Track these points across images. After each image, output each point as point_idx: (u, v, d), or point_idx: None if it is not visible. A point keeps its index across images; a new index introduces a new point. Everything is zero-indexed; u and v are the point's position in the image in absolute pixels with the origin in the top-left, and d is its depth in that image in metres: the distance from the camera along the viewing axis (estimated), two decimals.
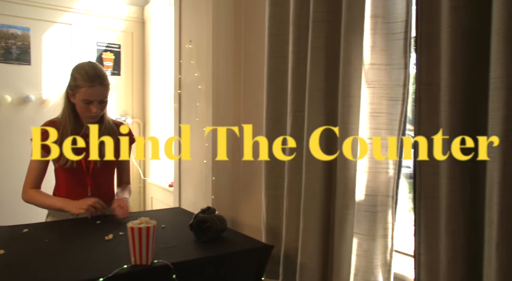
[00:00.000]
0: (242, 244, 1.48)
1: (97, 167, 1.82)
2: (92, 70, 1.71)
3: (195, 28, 2.42)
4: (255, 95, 2.07)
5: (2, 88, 3.19)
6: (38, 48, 3.31)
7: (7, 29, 3.18)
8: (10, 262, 1.24)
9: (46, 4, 3.30)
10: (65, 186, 1.82)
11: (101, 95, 1.73)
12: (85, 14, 3.49)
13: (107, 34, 3.63)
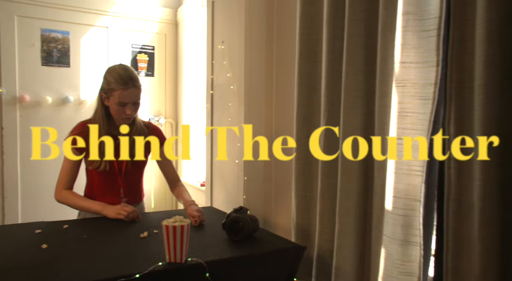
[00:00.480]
0: (274, 244, 1.48)
1: (128, 168, 1.85)
2: (125, 73, 1.74)
3: (228, 28, 2.44)
4: (287, 95, 2.06)
5: (43, 90, 3.33)
6: (76, 51, 3.44)
7: (49, 33, 3.32)
8: (53, 256, 1.29)
9: (84, 8, 3.42)
10: (98, 187, 1.85)
11: (135, 97, 1.76)
12: (121, 17, 3.59)
13: (142, 36, 3.72)
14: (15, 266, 1.19)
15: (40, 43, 3.30)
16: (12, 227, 1.74)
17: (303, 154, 1.62)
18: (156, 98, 3.81)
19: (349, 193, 1.38)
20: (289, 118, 2.03)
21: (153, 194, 3.81)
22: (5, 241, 1.45)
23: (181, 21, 3.74)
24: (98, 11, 3.48)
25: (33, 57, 3.29)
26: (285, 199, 2.08)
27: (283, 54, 2.11)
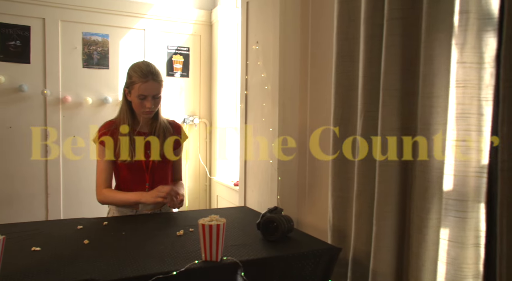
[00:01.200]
0: (309, 245, 1.47)
1: (155, 164, 1.89)
2: (145, 67, 1.80)
3: (262, 29, 2.44)
4: (322, 95, 2.05)
5: (84, 91, 3.46)
6: (115, 53, 3.54)
7: (90, 36, 3.45)
8: (94, 251, 1.34)
9: (123, 11, 3.53)
10: (125, 183, 1.89)
11: (154, 90, 1.80)
12: (157, 20, 3.68)
13: (177, 38, 3.79)
14: (60, 260, 1.24)
15: (82, 46, 3.43)
16: (56, 223, 1.81)
17: (340, 154, 1.60)
18: (191, 99, 3.87)
19: (387, 194, 1.35)
20: (324, 119, 2.01)
21: (188, 193, 3.87)
22: (50, 236, 1.52)
23: (215, 22, 3.79)
24: (136, 14, 3.58)
25: (75, 60, 3.42)
26: (319, 199, 2.07)
27: (318, 54, 2.09)
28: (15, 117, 3.27)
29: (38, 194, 3.39)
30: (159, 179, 1.92)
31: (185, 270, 1.18)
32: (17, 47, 3.23)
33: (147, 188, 1.88)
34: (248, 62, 2.60)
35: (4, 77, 3.19)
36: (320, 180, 2.06)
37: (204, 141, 3.93)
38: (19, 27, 3.23)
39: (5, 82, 3.20)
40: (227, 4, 3.71)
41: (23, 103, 3.29)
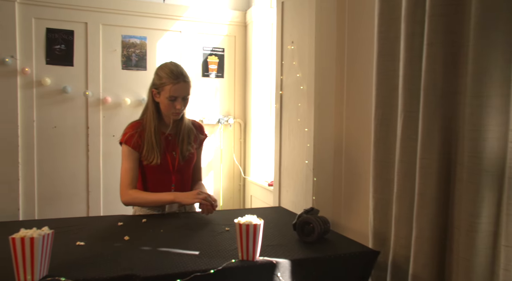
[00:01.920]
0: (346, 247, 1.45)
1: (181, 165, 1.90)
2: (176, 69, 1.82)
3: (297, 29, 2.43)
4: (359, 95, 2.02)
5: (123, 92, 3.56)
6: (153, 54, 3.63)
7: (129, 39, 3.55)
8: (134, 247, 1.38)
9: (160, 14, 3.61)
10: (151, 184, 1.89)
11: (184, 91, 1.82)
12: (193, 21, 3.74)
13: (212, 39, 3.84)
14: (102, 255, 1.29)
15: (121, 48, 3.54)
16: (98, 219, 1.88)
17: (381, 155, 1.57)
18: (226, 99, 3.91)
19: (428, 196, 1.31)
20: (362, 119, 1.98)
21: (222, 192, 3.91)
22: (93, 231, 1.58)
23: (250, 23, 3.81)
24: (172, 17, 3.66)
25: (115, 62, 3.53)
26: (357, 201, 2.04)
27: (355, 53, 2.06)
28: (59, 117, 3.42)
29: (80, 191, 3.53)
30: (184, 180, 1.95)
31: (222, 269, 1.20)
32: (62, 50, 3.38)
33: (173, 189, 1.90)
34: (283, 62, 2.59)
35: (50, 80, 3.34)
36: (357, 181, 2.03)
37: (239, 141, 3.96)
38: (64, 32, 3.38)
39: (51, 84, 3.35)
40: (262, 5, 3.72)
41: (67, 104, 3.43)
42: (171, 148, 1.90)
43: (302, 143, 2.36)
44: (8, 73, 3.23)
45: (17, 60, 3.24)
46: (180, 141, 1.90)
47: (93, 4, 3.42)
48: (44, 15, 3.32)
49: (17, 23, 3.24)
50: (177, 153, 1.90)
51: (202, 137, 2.03)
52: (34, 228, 1.09)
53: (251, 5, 3.82)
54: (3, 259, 1.19)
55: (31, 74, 3.30)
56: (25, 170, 3.34)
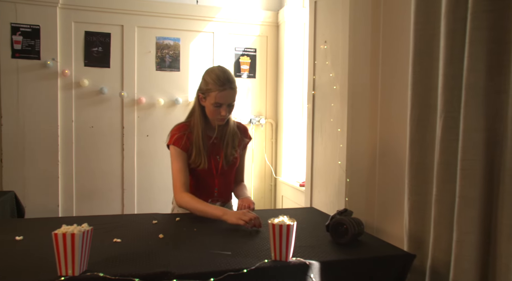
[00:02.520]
0: (380, 250, 1.42)
1: (224, 169, 1.90)
2: (222, 75, 1.77)
3: (330, 28, 2.41)
4: (394, 95, 1.97)
5: (156, 93, 3.64)
6: (186, 55, 3.69)
7: (163, 40, 3.62)
8: (168, 245, 1.40)
9: (194, 16, 3.67)
10: (194, 186, 1.90)
11: (230, 99, 1.79)
12: (225, 22, 3.77)
13: (244, 39, 3.86)
14: (138, 252, 1.32)
15: (155, 50, 3.62)
16: (133, 217, 1.92)
17: (417, 156, 1.53)
18: (257, 99, 3.92)
19: (471, 199, 1.26)
20: (397, 119, 1.93)
21: (253, 192, 3.92)
22: (129, 229, 1.61)
23: (282, 23, 3.80)
24: (205, 18, 3.70)
25: (149, 63, 3.61)
26: (391, 203, 1.99)
27: (390, 52, 2.02)
28: (96, 117, 3.53)
29: (115, 189, 3.63)
30: (227, 183, 1.95)
31: (255, 268, 1.20)
32: (99, 53, 3.49)
33: (216, 192, 1.92)
34: (316, 62, 2.57)
35: (87, 81, 3.45)
36: (391, 183, 1.99)
37: (270, 141, 3.96)
38: (101, 35, 3.49)
39: (88, 85, 3.47)
40: (294, 5, 3.71)
41: (103, 104, 3.54)
42: (216, 151, 1.90)
43: (334, 143, 2.33)
44: (50, 75, 3.37)
45: (57, 63, 3.37)
46: (224, 145, 1.89)
47: (129, 7, 3.51)
48: (83, 19, 3.44)
49: (58, 27, 3.37)
50: (221, 157, 1.89)
51: (247, 141, 2.01)
52: (75, 225, 1.13)
53: (283, 5, 3.81)
54: (46, 253, 1.24)
55: (70, 76, 3.42)
56: (64, 168, 3.47)
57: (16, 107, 3.31)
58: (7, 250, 1.33)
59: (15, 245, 1.38)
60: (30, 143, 3.35)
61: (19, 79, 3.30)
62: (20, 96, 3.31)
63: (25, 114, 3.33)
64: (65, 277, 1.08)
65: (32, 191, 3.36)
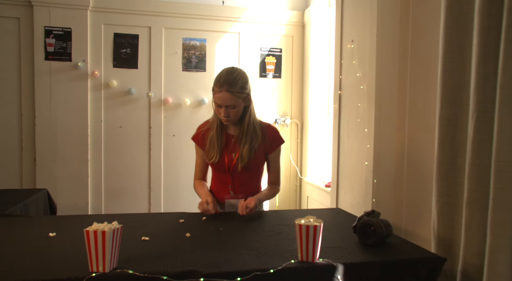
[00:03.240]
0: (409, 253, 1.39)
1: (237, 167, 1.90)
2: (225, 76, 1.79)
3: (357, 27, 2.38)
4: (423, 94, 1.93)
5: (183, 93, 3.69)
6: (212, 56, 3.72)
7: (189, 41, 3.67)
8: (195, 244, 1.42)
9: (220, 16, 3.69)
10: (213, 181, 2.03)
11: (226, 101, 1.78)
12: (251, 23, 3.78)
13: (270, 39, 3.86)
14: (166, 251, 1.34)
15: (182, 50, 3.66)
16: (160, 215, 1.95)
17: (446, 157, 1.49)
18: (283, 99, 3.91)
19: (506, 203, 1.22)
20: (426, 119, 1.89)
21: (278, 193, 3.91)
22: (156, 227, 1.64)
23: (308, 23, 3.78)
24: (231, 18, 3.72)
25: (176, 64, 3.66)
26: (419, 204, 1.95)
27: (419, 51, 1.97)
28: (124, 117, 3.60)
29: (142, 188, 3.70)
30: (242, 183, 1.96)
31: (282, 269, 1.19)
32: (128, 54, 3.56)
33: (230, 189, 1.95)
34: (343, 62, 2.55)
35: (116, 82, 3.53)
36: (420, 184, 1.94)
37: (295, 141, 3.94)
38: (130, 36, 3.56)
39: (117, 86, 3.55)
40: (320, 4, 3.68)
41: (131, 105, 3.61)
42: (232, 149, 1.93)
43: (361, 144, 2.30)
44: (80, 77, 3.46)
45: (88, 64, 3.46)
46: (241, 144, 1.91)
47: (157, 9, 3.57)
48: (112, 21, 3.52)
49: (89, 30, 3.46)
50: (237, 155, 1.91)
51: (274, 143, 1.99)
52: (105, 222, 1.16)
53: (309, 4, 3.79)
54: (78, 250, 1.28)
55: (100, 77, 3.51)
56: (94, 166, 3.56)
57: (49, 108, 3.42)
58: (42, 245, 1.38)
59: (49, 241, 1.43)
60: (61, 143, 3.45)
61: (51, 81, 3.41)
62: (53, 97, 3.42)
63: (57, 115, 3.43)
64: (96, 273, 1.11)
65: (63, 189, 3.47)
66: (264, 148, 1.96)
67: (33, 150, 3.43)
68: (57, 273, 1.12)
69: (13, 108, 3.41)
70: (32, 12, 3.36)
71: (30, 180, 3.45)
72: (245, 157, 1.89)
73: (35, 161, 3.43)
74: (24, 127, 3.43)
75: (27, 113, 3.42)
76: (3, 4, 3.33)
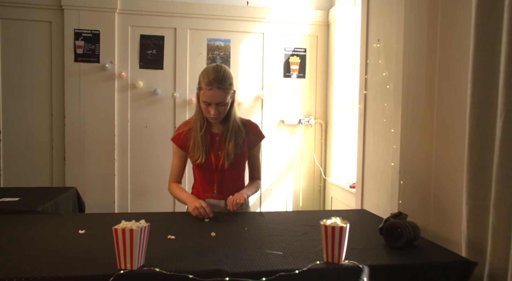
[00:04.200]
0: (438, 256, 1.36)
1: (224, 165, 1.90)
2: (213, 74, 1.78)
3: (384, 26, 2.34)
4: (452, 94, 1.88)
5: None
6: (236, 56, 3.74)
7: (213, 42, 3.70)
8: (220, 243, 1.42)
9: (244, 17, 3.71)
10: (198, 182, 2.00)
11: (218, 98, 1.79)
12: (275, 23, 3.77)
13: (294, 39, 3.84)
14: (191, 250, 1.35)
15: (206, 51, 3.70)
16: (184, 214, 1.97)
17: (476, 158, 1.45)
18: (307, 100, 3.89)
19: None
20: (454, 119, 1.84)
21: (302, 193, 3.90)
22: (182, 226, 1.66)
23: (333, 22, 3.74)
24: (255, 19, 3.73)
25: (200, 64, 3.69)
26: (447, 207, 1.90)
27: (448, 49, 1.93)
28: (150, 117, 3.66)
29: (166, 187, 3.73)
30: (230, 180, 1.96)
31: (307, 270, 1.19)
32: (153, 55, 3.62)
33: (215, 188, 1.94)
34: (368, 61, 2.51)
35: (142, 82, 3.59)
36: (448, 186, 1.90)
37: (319, 141, 3.92)
38: (155, 38, 3.62)
39: (143, 87, 3.61)
40: (345, 3, 3.64)
41: (157, 105, 3.67)
42: (217, 147, 1.93)
43: (387, 144, 2.26)
44: (108, 78, 3.54)
45: (115, 66, 3.54)
46: (226, 142, 1.91)
47: (182, 10, 3.61)
48: (139, 23, 3.58)
49: (116, 32, 3.54)
50: (223, 153, 1.92)
51: (256, 138, 2.02)
52: (133, 221, 1.18)
53: (334, 3, 3.76)
54: (107, 247, 1.31)
55: (126, 78, 3.58)
56: (120, 166, 3.64)
57: (78, 108, 3.51)
58: (72, 242, 1.41)
59: (79, 238, 1.47)
60: (89, 142, 3.54)
61: (80, 82, 3.51)
62: (81, 98, 3.51)
63: (85, 115, 3.52)
64: (124, 270, 1.13)
65: (91, 188, 3.56)
66: (247, 143, 1.97)
67: (63, 149, 3.53)
68: (87, 269, 1.15)
69: (44, 109, 3.52)
70: (63, 15, 3.46)
71: (60, 178, 3.56)
72: (231, 153, 1.90)
73: (64, 159, 3.53)
74: (55, 127, 3.54)
75: (57, 113, 3.53)
76: (36, 9, 3.45)
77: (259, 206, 3.83)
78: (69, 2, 3.44)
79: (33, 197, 2.39)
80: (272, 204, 3.85)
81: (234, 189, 1.96)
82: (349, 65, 3.67)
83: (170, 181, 2.05)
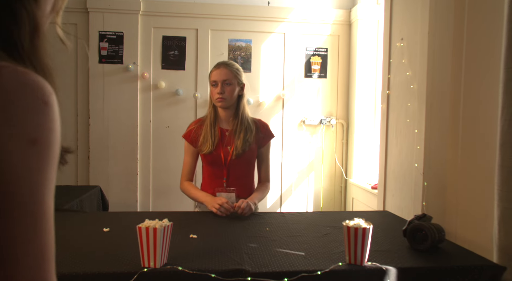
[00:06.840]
0: (465, 259, 1.33)
1: (233, 160, 1.93)
2: (221, 61, 2.00)
3: (407, 25, 2.30)
4: (479, 93, 1.83)
5: None
6: (257, 56, 3.74)
7: (235, 42, 3.71)
8: (241, 243, 1.43)
9: (265, 17, 3.70)
10: (206, 177, 2.03)
11: (224, 75, 1.91)
12: (297, 23, 3.76)
13: (315, 39, 3.82)
14: (213, 248, 1.36)
15: (227, 52, 3.71)
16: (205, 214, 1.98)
17: (508, 159, 1.41)
18: (328, 100, 3.86)
19: None
20: (481, 120, 1.80)
21: (322, 194, 3.87)
22: (202, 226, 1.67)
23: (355, 21, 3.70)
24: (277, 19, 3.72)
25: None
26: (475, 209, 1.85)
27: (475, 47, 1.88)
28: (172, 118, 3.70)
29: None
30: (239, 176, 1.98)
31: (330, 271, 1.18)
32: (175, 56, 3.66)
33: (225, 182, 1.97)
34: (391, 61, 2.48)
35: (164, 83, 3.64)
36: (475, 188, 1.85)
37: (341, 142, 3.88)
38: (177, 38, 3.65)
39: (165, 87, 3.65)
40: (368, 2, 3.59)
41: (178, 105, 3.70)
42: (227, 142, 1.97)
43: (411, 145, 2.22)
44: (131, 78, 3.60)
45: (138, 67, 3.59)
46: (236, 137, 1.95)
47: (203, 11, 3.64)
48: (161, 24, 3.63)
49: (139, 33, 3.59)
50: (232, 148, 1.95)
51: (266, 137, 2.04)
52: (157, 219, 1.20)
53: (356, 2, 3.72)
54: (130, 245, 1.33)
55: (149, 78, 3.63)
56: (142, 165, 3.69)
57: (102, 108, 3.58)
58: (97, 240, 1.44)
59: (104, 236, 1.50)
60: (113, 142, 3.61)
61: (104, 83, 3.57)
62: (105, 98, 3.58)
63: (109, 115, 3.59)
64: (147, 268, 1.14)
65: (114, 186, 3.62)
66: (257, 141, 2.01)
67: (87, 148, 3.61)
68: (111, 267, 1.17)
69: (70, 109, 3.60)
70: (88, 18, 3.54)
71: (84, 177, 3.63)
72: (240, 149, 1.93)
73: (88, 159, 3.60)
74: (80, 126, 3.61)
75: (82, 113, 3.60)
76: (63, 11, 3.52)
77: (279, 206, 3.82)
78: (94, 4, 3.51)
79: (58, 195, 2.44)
80: (293, 204, 3.84)
81: (244, 185, 1.99)
82: (371, 64, 3.63)
83: (182, 179, 2.09)
